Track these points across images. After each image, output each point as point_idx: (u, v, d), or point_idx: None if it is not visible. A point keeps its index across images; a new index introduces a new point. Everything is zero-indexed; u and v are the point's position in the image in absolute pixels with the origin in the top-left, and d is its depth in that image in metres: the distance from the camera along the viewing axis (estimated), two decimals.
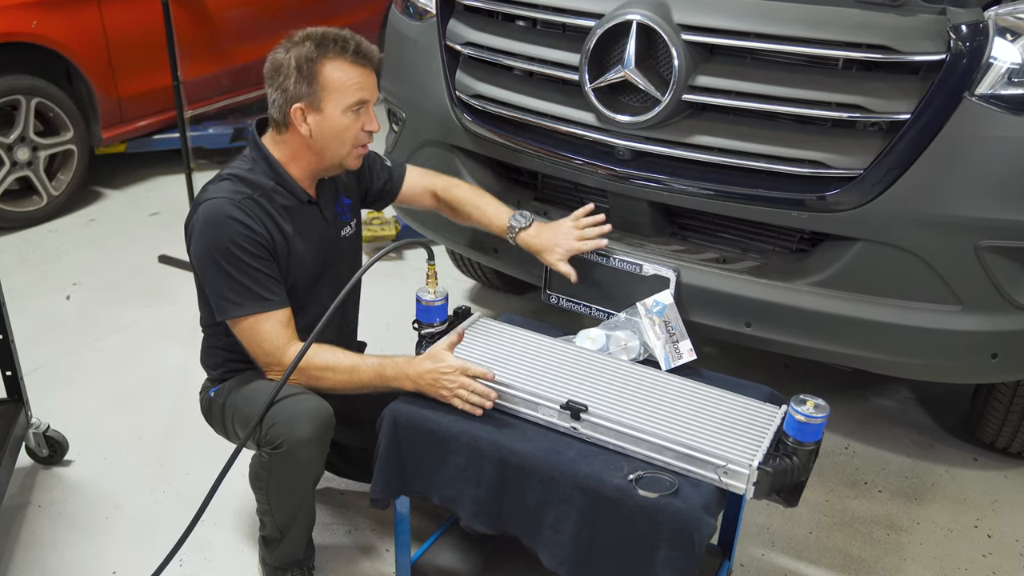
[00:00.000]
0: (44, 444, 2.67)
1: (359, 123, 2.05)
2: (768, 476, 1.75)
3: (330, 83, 2.00)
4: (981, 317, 2.15)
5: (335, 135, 2.04)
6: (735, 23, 2.14)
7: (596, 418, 1.89)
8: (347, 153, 2.08)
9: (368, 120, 2.07)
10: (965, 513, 2.68)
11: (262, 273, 2.02)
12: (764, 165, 2.18)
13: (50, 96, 4.39)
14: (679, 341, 2.21)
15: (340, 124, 2.03)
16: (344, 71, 2.01)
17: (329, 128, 2.03)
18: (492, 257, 2.72)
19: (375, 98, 2.07)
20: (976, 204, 2.06)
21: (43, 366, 3.24)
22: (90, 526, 2.50)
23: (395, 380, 2.01)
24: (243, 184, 2.06)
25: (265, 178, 2.09)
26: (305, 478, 2.08)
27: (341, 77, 2.00)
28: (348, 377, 2.03)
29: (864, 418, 3.11)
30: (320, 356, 2.03)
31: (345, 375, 2.02)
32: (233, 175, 2.08)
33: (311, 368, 2.02)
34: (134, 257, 4.15)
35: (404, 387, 2.02)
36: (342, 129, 2.04)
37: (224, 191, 2.03)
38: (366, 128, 2.07)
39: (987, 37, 2.01)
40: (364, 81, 2.03)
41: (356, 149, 2.08)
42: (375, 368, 2.02)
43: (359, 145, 2.08)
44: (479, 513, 1.96)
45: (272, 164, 2.10)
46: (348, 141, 2.06)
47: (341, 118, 2.03)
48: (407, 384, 2.01)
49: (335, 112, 2.02)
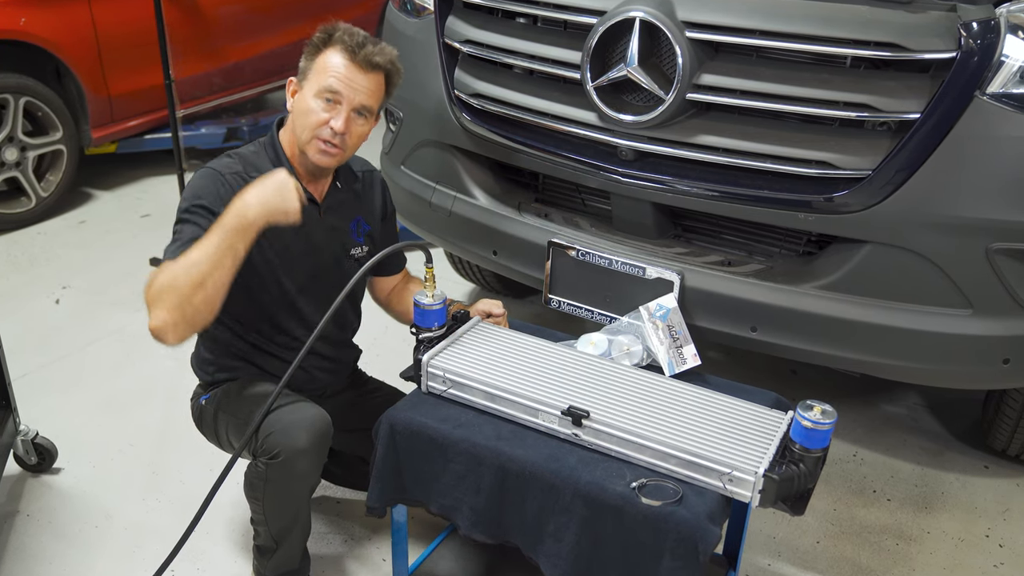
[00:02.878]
0: (33, 451, 2.67)
1: (326, 116, 2.04)
2: (774, 484, 1.75)
3: (317, 64, 2.05)
4: (992, 321, 2.15)
5: (301, 114, 2.06)
6: (740, 20, 2.14)
7: (598, 424, 1.89)
8: (307, 140, 2.07)
9: (337, 119, 2.04)
10: (976, 522, 2.68)
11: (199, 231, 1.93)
12: (770, 166, 2.19)
13: (39, 95, 4.39)
14: (683, 346, 2.21)
15: (307, 105, 2.05)
16: (334, 59, 2.04)
17: (299, 106, 2.07)
18: (491, 259, 2.72)
19: (355, 99, 2.04)
20: (987, 205, 2.07)
21: (32, 371, 3.24)
22: (80, 536, 2.49)
23: (239, 213, 1.85)
24: (241, 162, 2.10)
25: (267, 162, 2.12)
26: (302, 488, 2.08)
27: (327, 62, 2.04)
28: (200, 256, 1.81)
29: (872, 425, 3.11)
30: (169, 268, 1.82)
31: (198, 259, 1.81)
32: (236, 153, 2.13)
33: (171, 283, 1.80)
34: (125, 260, 4.15)
35: (251, 213, 1.84)
36: (307, 111, 2.05)
37: (219, 164, 2.09)
38: (332, 124, 2.04)
39: (999, 35, 2.01)
40: (347, 75, 2.03)
41: (317, 141, 2.06)
42: (215, 230, 1.84)
43: (320, 138, 2.05)
44: (478, 522, 1.96)
45: (277, 148, 2.13)
46: (308, 127, 2.05)
47: (311, 100, 2.04)
48: (253, 209, 1.84)
49: (309, 92, 2.05)
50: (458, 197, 2.74)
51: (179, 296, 1.80)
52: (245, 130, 5.28)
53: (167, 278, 1.81)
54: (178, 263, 1.83)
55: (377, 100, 2.10)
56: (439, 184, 2.79)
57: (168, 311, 1.80)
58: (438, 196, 2.79)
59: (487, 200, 2.70)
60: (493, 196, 2.70)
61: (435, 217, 2.81)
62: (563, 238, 2.51)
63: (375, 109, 2.11)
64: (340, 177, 2.24)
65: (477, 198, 2.71)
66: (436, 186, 2.80)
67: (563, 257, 2.50)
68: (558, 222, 2.61)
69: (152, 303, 1.82)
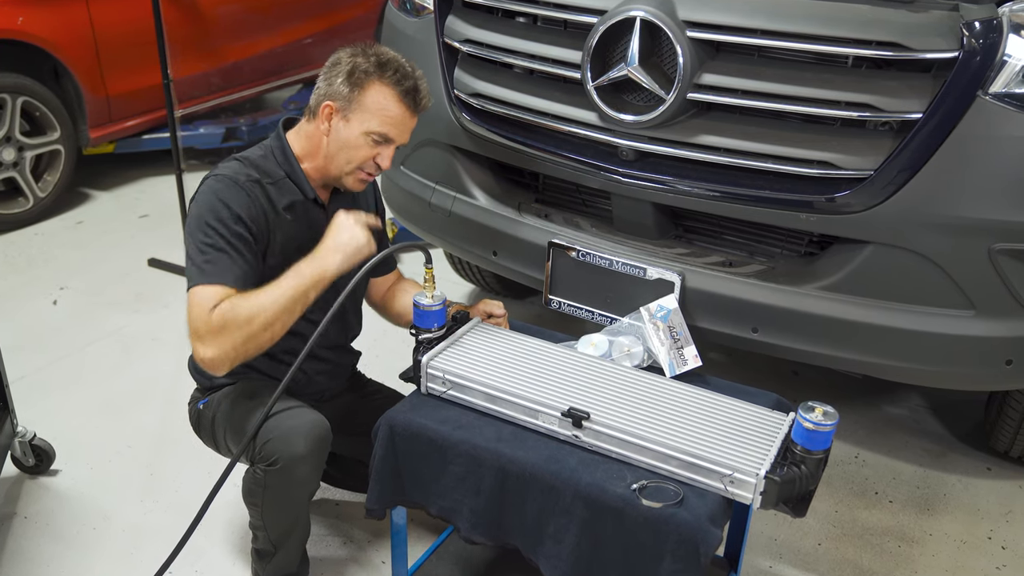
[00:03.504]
0: (30, 453, 2.67)
1: (373, 152, 2.07)
2: (775, 486, 1.75)
3: (368, 101, 2.03)
4: (995, 322, 2.15)
5: (346, 149, 2.06)
6: (742, 19, 2.14)
7: (598, 426, 1.89)
8: (350, 172, 2.10)
9: (383, 156, 2.08)
10: (979, 524, 2.68)
11: (229, 248, 1.95)
12: (771, 166, 2.19)
13: (36, 95, 4.40)
14: (684, 347, 2.21)
15: (355, 143, 2.05)
16: (386, 99, 2.04)
17: (345, 140, 2.06)
18: (491, 260, 2.72)
19: (402, 141, 2.10)
20: (990, 206, 2.07)
21: (29, 373, 3.24)
22: (78, 538, 2.49)
23: (319, 265, 1.94)
24: (252, 168, 2.08)
25: (276, 167, 2.11)
26: (301, 494, 2.08)
27: (380, 102, 2.03)
28: (274, 300, 1.88)
29: (874, 426, 3.11)
30: (240, 306, 1.87)
31: (271, 303, 1.88)
32: (245, 158, 2.11)
33: (239, 321, 1.85)
34: (123, 260, 4.15)
35: (330, 264, 1.94)
36: (354, 148, 2.06)
37: (231, 169, 2.06)
38: (378, 160, 2.08)
39: (1001, 34, 2.01)
40: (399, 119, 2.06)
41: (359, 173, 2.10)
42: (291, 275, 1.92)
43: (364, 172, 2.10)
44: (478, 524, 1.95)
45: (287, 154, 2.12)
46: (355, 161, 2.08)
47: (359, 138, 2.05)
48: (324, 261, 1.94)
49: (357, 129, 2.04)
50: (458, 197, 2.74)
51: (246, 335, 1.86)
52: (244, 130, 5.28)
53: (235, 316, 1.85)
54: (248, 302, 1.87)
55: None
56: (439, 184, 2.79)
57: (232, 347, 1.86)
58: (438, 196, 2.79)
59: (487, 200, 2.70)
60: (493, 196, 2.70)
61: (435, 217, 2.81)
62: (563, 239, 2.51)
63: None
64: None
65: (477, 198, 2.71)
66: (436, 186, 2.80)
67: (563, 258, 2.50)
68: (558, 222, 2.61)
69: (211, 334, 1.85)
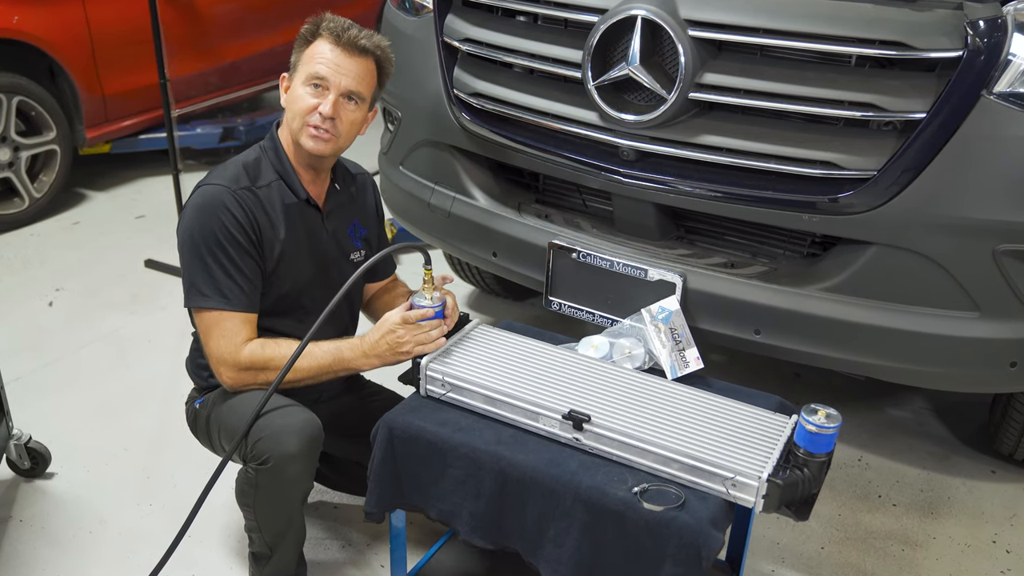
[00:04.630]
0: (26, 456, 2.67)
1: (315, 101, 2.06)
2: (778, 489, 1.75)
3: (306, 55, 2.09)
4: (1000, 324, 2.15)
5: (291, 103, 2.10)
6: (744, 18, 2.15)
7: (599, 428, 1.89)
8: (299, 128, 2.08)
9: (325, 103, 2.06)
10: (983, 528, 2.68)
11: (239, 270, 2.04)
12: (774, 166, 2.19)
13: (32, 94, 4.39)
14: (685, 349, 2.21)
15: (296, 93, 2.08)
16: (322, 47, 2.07)
17: (290, 97, 2.10)
18: (491, 261, 2.72)
19: (342, 84, 2.06)
20: (994, 207, 2.07)
21: (24, 375, 3.24)
22: (74, 542, 2.49)
23: (354, 361, 2.08)
24: (246, 175, 2.09)
25: (270, 170, 2.13)
26: (293, 494, 2.08)
27: (315, 51, 2.07)
28: (307, 362, 2.05)
29: (878, 429, 3.11)
30: (272, 356, 2.06)
31: (302, 368, 2.05)
32: (237, 162, 2.13)
33: (269, 361, 2.05)
34: (119, 262, 4.15)
35: (364, 366, 2.10)
36: (296, 99, 2.08)
37: (225, 179, 2.07)
38: (320, 109, 2.05)
39: (1006, 33, 2.01)
40: (333, 59, 2.05)
41: (307, 128, 2.07)
42: (332, 352, 2.08)
43: (310, 124, 2.07)
44: (478, 527, 1.95)
45: (279, 152, 2.14)
46: (298, 114, 2.07)
47: (300, 87, 2.08)
48: (366, 362, 2.09)
49: (298, 81, 2.09)
50: (457, 198, 2.74)
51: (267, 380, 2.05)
52: (241, 130, 5.27)
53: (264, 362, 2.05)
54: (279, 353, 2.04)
55: (367, 86, 2.11)
56: (438, 185, 2.79)
57: (253, 383, 2.07)
58: (437, 197, 2.79)
59: (487, 201, 2.70)
60: (493, 197, 2.70)
61: (434, 218, 2.81)
62: (564, 239, 2.51)
63: (366, 96, 2.12)
64: (338, 178, 2.25)
65: (476, 199, 2.71)
66: (435, 187, 2.80)
67: (564, 259, 2.50)
68: (559, 223, 2.61)
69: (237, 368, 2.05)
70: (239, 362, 2.04)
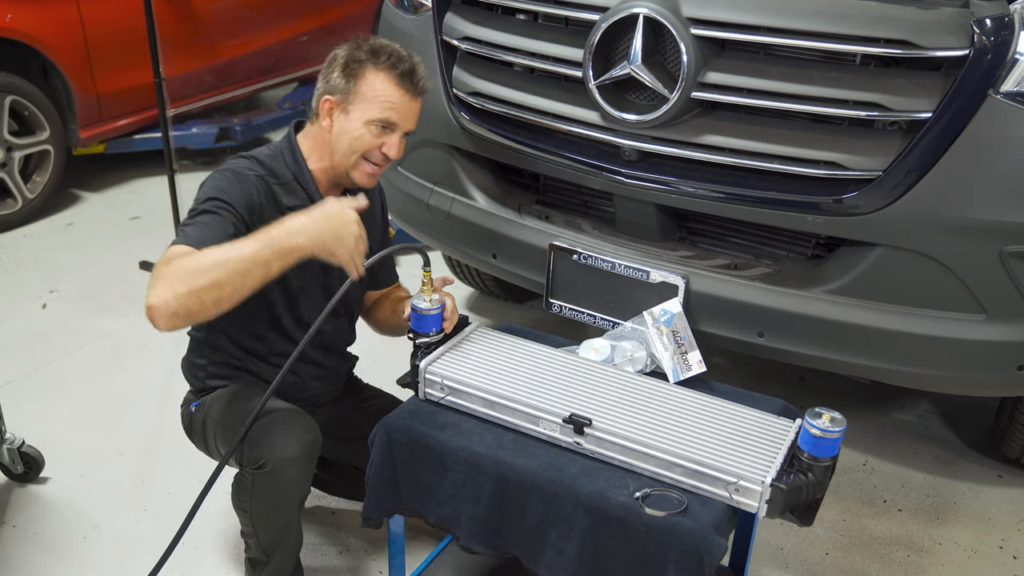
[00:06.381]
0: (19, 460, 2.67)
1: (378, 141, 2.06)
2: (782, 493, 1.75)
3: (365, 90, 2.04)
4: (1006, 326, 2.15)
5: (349, 141, 2.06)
6: (747, 17, 2.15)
7: (600, 432, 1.89)
8: (354, 164, 2.09)
9: (390, 145, 2.07)
10: (989, 533, 2.68)
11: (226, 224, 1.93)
12: (777, 166, 2.19)
13: (25, 94, 4.40)
14: (688, 352, 2.21)
15: (357, 133, 2.05)
16: (383, 84, 2.04)
17: (347, 132, 2.06)
18: (491, 263, 2.72)
19: (407, 127, 2.09)
20: (1001, 208, 2.07)
21: (17, 378, 3.24)
22: (67, 547, 2.49)
23: (288, 233, 1.81)
24: (260, 165, 2.09)
25: (285, 168, 2.12)
26: (290, 499, 2.08)
27: (377, 88, 2.04)
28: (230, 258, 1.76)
29: (883, 433, 3.11)
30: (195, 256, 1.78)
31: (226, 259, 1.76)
32: (253, 156, 2.11)
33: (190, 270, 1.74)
34: (113, 263, 4.15)
35: (301, 233, 1.82)
36: (357, 138, 2.06)
37: (238, 165, 2.07)
38: (384, 150, 2.08)
39: (1013, 32, 2.01)
40: (399, 104, 2.05)
41: (365, 165, 2.10)
42: (254, 237, 1.82)
43: (371, 161, 2.09)
44: (477, 532, 1.95)
45: (296, 155, 2.13)
46: (358, 152, 2.07)
47: (361, 128, 2.05)
48: (304, 234, 1.82)
49: (358, 120, 2.05)
50: (456, 199, 2.74)
51: (192, 287, 1.72)
52: (237, 130, 5.28)
53: (187, 264, 1.75)
54: (205, 254, 1.77)
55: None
56: (437, 185, 2.79)
57: (174, 296, 1.72)
58: (436, 198, 2.79)
59: (486, 202, 2.70)
60: (493, 198, 2.70)
61: (433, 219, 2.81)
62: (565, 241, 2.51)
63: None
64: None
65: (476, 200, 2.71)
66: (434, 188, 2.80)
67: (565, 260, 2.50)
68: (559, 224, 2.61)
69: (160, 280, 1.74)
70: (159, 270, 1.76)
